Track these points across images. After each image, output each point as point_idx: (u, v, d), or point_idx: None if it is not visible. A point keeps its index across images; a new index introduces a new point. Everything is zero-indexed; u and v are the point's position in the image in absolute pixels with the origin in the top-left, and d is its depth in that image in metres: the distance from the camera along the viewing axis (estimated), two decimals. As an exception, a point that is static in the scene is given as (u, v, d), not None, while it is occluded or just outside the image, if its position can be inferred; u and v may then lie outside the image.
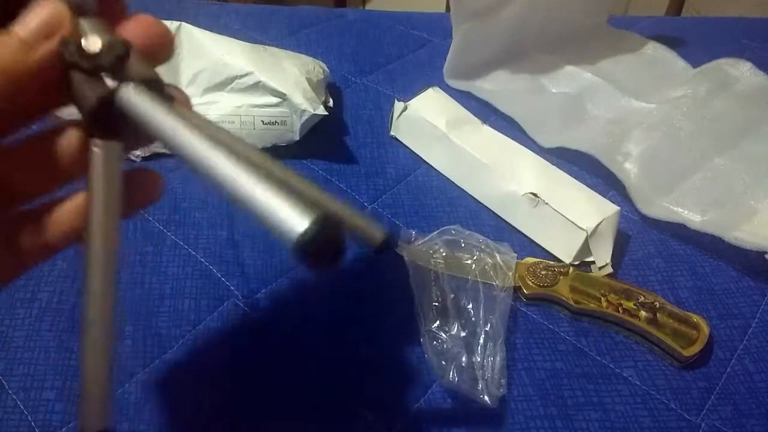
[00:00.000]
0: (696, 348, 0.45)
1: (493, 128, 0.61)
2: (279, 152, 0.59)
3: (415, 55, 0.79)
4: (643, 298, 0.48)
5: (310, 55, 0.67)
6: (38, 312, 0.46)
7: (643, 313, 0.47)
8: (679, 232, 0.55)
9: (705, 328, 0.46)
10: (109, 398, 0.26)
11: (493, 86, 0.71)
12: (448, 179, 0.60)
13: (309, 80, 0.60)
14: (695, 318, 0.47)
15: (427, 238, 0.52)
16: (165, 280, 0.48)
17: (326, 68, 0.66)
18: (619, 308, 0.47)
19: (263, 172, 0.22)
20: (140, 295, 0.47)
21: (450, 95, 0.64)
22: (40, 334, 0.45)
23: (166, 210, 0.54)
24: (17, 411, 0.41)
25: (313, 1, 1.08)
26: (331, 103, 0.63)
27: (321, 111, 0.58)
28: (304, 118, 0.58)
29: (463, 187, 0.58)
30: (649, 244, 0.55)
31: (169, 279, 0.49)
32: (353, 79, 0.73)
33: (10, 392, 0.42)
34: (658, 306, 0.47)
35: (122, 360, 0.44)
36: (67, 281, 0.48)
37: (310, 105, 0.57)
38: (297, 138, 0.59)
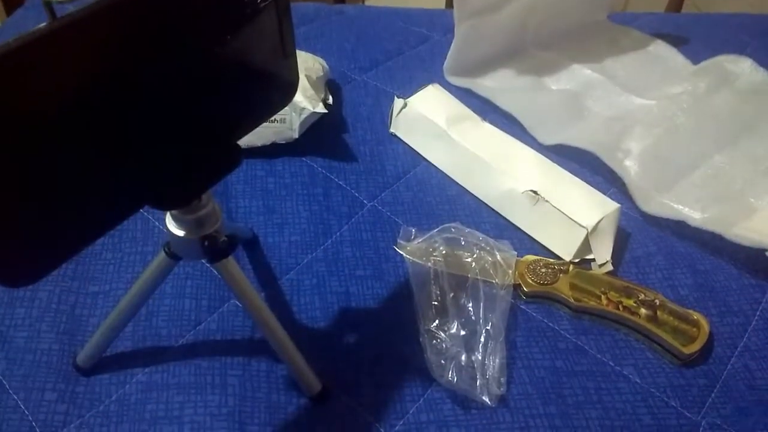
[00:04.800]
0: (696, 346, 0.45)
1: (493, 125, 0.61)
2: (279, 150, 0.59)
3: (414, 52, 0.78)
4: (643, 295, 0.48)
5: (309, 52, 0.67)
6: (38, 312, 0.46)
7: (643, 311, 0.47)
8: (680, 229, 0.55)
9: (705, 326, 0.46)
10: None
11: (494, 83, 0.70)
12: (448, 176, 0.59)
13: (308, 78, 0.60)
14: (695, 315, 0.47)
15: (426, 236, 0.51)
16: (165, 280, 0.48)
17: (326, 65, 0.66)
18: (620, 306, 0.47)
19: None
20: (140, 294, 0.47)
21: (450, 92, 0.64)
22: (41, 335, 0.45)
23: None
24: (18, 410, 0.41)
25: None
26: (330, 100, 0.63)
27: (321, 109, 0.58)
28: (304, 116, 0.57)
29: (462, 185, 0.58)
30: (649, 241, 0.55)
31: (170, 279, 0.48)
32: (352, 75, 0.72)
33: (11, 392, 0.42)
34: (658, 303, 0.47)
35: (123, 360, 0.44)
36: (67, 281, 0.48)
37: (309, 103, 0.57)
38: (296, 136, 0.58)
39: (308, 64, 0.63)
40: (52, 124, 0.26)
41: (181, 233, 0.36)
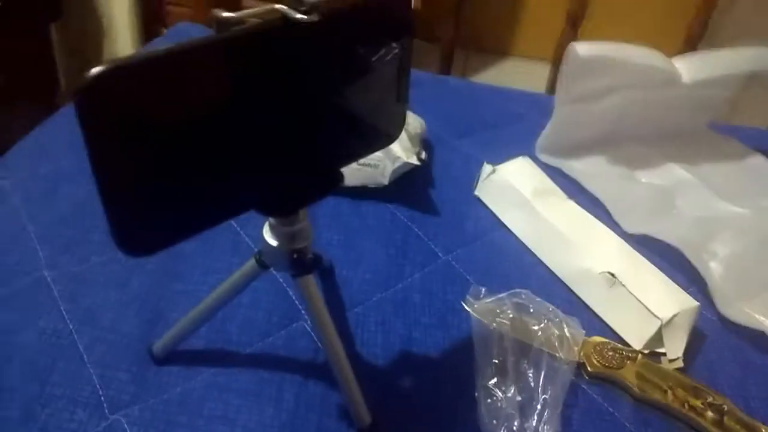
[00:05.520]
0: (763, 461, 0.43)
1: (579, 205, 0.61)
2: (367, 193, 0.63)
3: (509, 128, 0.81)
4: (711, 398, 0.46)
5: (410, 111, 0.71)
6: (128, 298, 0.50)
7: (709, 414, 0.45)
8: (759, 340, 0.53)
9: (775, 442, 0.44)
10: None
11: (585, 167, 0.71)
12: (525, 246, 0.60)
13: (407, 131, 0.63)
14: (764, 429, 0.44)
15: (495, 298, 0.52)
16: (244, 292, 0.51)
17: (424, 124, 0.70)
18: (686, 404, 0.45)
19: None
20: (219, 300, 0.50)
21: (539, 168, 0.66)
22: (126, 320, 0.49)
23: (258, 227, 0.58)
24: (91, 383, 0.44)
25: (418, 65, 1.14)
26: (424, 155, 0.66)
27: (414, 161, 0.61)
28: (397, 165, 0.61)
29: (539, 256, 0.59)
30: (725, 347, 0.53)
31: (248, 291, 0.51)
32: (447, 139, 0.76)
33: (88, 366, 0.45)
34: (726, 409, 0.45)
35: (193, 357, 0.46)
36: (158, 276, 0.52)
37: (404, 154, 0.61)
38: (386, 183, 0.62)
39: (408, 119, 0.67)
40: (189, 124, 0.30)
41: (275, 243, 0.39)
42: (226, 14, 0.28)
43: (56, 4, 1.29)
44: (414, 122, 0.67)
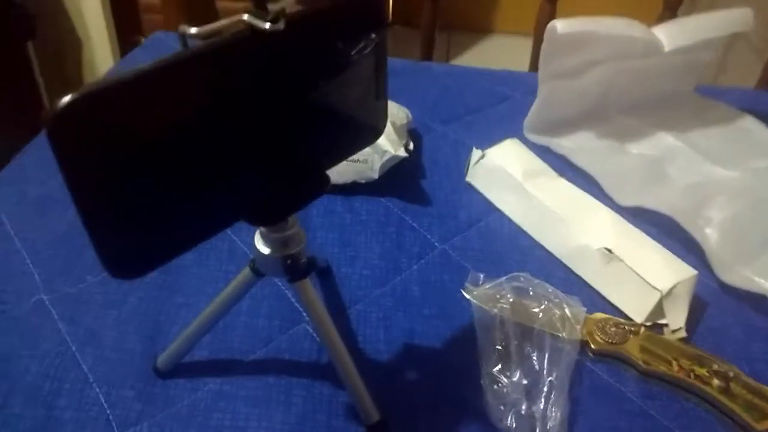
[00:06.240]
0: (771, 423, 0.43)
1: (570, 183, 0.61)
2: (358, 188, 0.62)
3: (495, 109, 0.80)
4: (716, 366, 0.46)
5: (394, 102, 0.70)
6: (127, 316, 0.50)
7: (715, 382, 0.45)
8: (759, 303, 0.53)
9: (782, 404, 0.44)
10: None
11: (573, 143, 0.71)
12: (520, 228, 0.60)
13: (393, 123, 0.63)
14: (771, 392, 0.45)
15: (494, 283, 0.52)
16: (243, 299, 0.51)
17: (409, 114, 0.69)
18: (691, 374, 0.46)
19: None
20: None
21: (528, 148, 0.65)
22: (128, 337, 0.49)
23: (251, 231, 0.58)
24: (98, 403, 0.44)
25: (400, 53, 1.13)
26: (411, 146, 0.65)
27: (402, 153, 0.61)
28: (385, 158, 0.60)
29: (535, 237, 0.59)
30: (726, 312, 0.53)
31: (247, 298, 0.51)
32: (434, 126, 0.75)
33: (94, 385, 0.45)
34: (732, 376, 0.45)
35: (198, 368, 0.46)
36: (155, 290, 0.52)
37: (391, 147, 0.60)
38: (376, 177, 0.61)
39: (393, 111, 0.66)
40: (167, 144, 0.29)
41: (267, 251, 0.39)
42: (194, 30, 0.28)
43: (28, 22, 1.27)
44: (399, 113, 0.67)
